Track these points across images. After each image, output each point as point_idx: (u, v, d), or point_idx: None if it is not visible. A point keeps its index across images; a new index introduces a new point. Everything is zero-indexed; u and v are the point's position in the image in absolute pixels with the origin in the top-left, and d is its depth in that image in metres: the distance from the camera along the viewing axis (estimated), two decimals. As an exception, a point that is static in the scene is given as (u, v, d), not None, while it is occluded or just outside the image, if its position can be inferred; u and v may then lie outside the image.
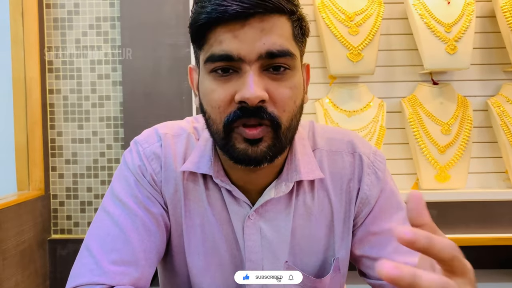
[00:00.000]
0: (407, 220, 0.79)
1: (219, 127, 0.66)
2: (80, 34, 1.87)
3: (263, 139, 0.66)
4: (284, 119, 0.66)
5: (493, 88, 1.90)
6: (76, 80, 1.87)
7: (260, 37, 0.63)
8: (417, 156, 1.81)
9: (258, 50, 0.63)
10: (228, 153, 0.68)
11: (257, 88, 0.63)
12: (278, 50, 0.64)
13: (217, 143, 0.70)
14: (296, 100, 0.67)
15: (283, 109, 0.66)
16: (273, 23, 0.64)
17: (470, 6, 1.78)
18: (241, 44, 0.63)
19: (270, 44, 0.63)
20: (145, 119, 1.79)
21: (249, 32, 0.63)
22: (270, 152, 0.66)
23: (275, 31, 0.64)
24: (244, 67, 0.64)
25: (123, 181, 0.77)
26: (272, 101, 0.65)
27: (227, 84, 0.65)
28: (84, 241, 0.75)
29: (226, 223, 0.76)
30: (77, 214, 1.90)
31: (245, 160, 0.67)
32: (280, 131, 0.66)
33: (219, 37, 0.64)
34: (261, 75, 0.64)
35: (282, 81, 0.66)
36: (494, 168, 1.89)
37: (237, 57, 0.63)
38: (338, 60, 1.79)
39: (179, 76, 1.80)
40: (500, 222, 1.81)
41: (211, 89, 0.66)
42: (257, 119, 0.64)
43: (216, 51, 0.64)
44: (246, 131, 0.65)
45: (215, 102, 0.66)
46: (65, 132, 1.88)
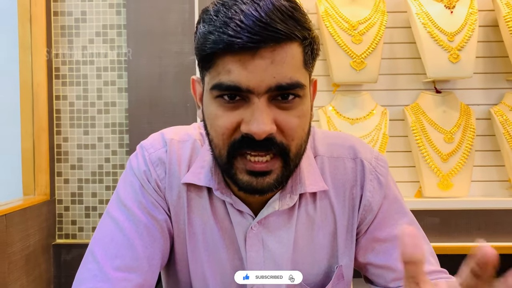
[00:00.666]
0: (412, 225, 0.80)
1: (222, 152, 0.66)
2: (86, 42, 1.89)
3: (271, 171, 0.65)
4: (293, 148, 0.65)
5: (496, 97, 1.90)
6: (83, 86, 1.89)
7: (271, 69, 0.61)
8: (420, 164, 1.81)
9: (268, 83, 0.61)
10: (231, 180, 0.67)
11: (265, 123, 0.61)
12: (288, 84, 0.62)
13: (219, 166, 0.69)
14: (304, 128, 0.66)
15: (291, 138, 0.64)
16: (284, 53, 0.61)
17: (473, 16, 1.79)
18: (250, 76, 0.61)
19: (281, 77, 0.61)
20: (150, 125, 1.81)
21: (259, 63, 0.60)
22: (277, 183, 0.66)
23: (286, 61, 0.61)
24: (252, 98, 0.62)
25: (128, 186, 0.77)
26: (280, 130, 0.64)
27: (234, 112, 0.63)
28: (89, 246, 0.75)
29: (228, 232, 0.76)
30: (82, 219, 1.91)
31: (249, 190, 0.66)
32: (289, 160, 0.65)
33: (228, 66, 0.62)
34: (269, 105, 0.63)
35: (290, 110, 0.64)
36: (497, 177, 1.89)
37: (245, 89, 0.61)
38: (342, 68, 1.81)
39: (184, 83, 1.82)
40: (503, 230, 1.81)
41: (216, 115, 0.65)
42: (263, 151, 0.63)
43: (224, 80, 0.62)
44: (252, 164, 0.64)
45: (219, 128, 0.64)
46: (71, 137, 1.90)
